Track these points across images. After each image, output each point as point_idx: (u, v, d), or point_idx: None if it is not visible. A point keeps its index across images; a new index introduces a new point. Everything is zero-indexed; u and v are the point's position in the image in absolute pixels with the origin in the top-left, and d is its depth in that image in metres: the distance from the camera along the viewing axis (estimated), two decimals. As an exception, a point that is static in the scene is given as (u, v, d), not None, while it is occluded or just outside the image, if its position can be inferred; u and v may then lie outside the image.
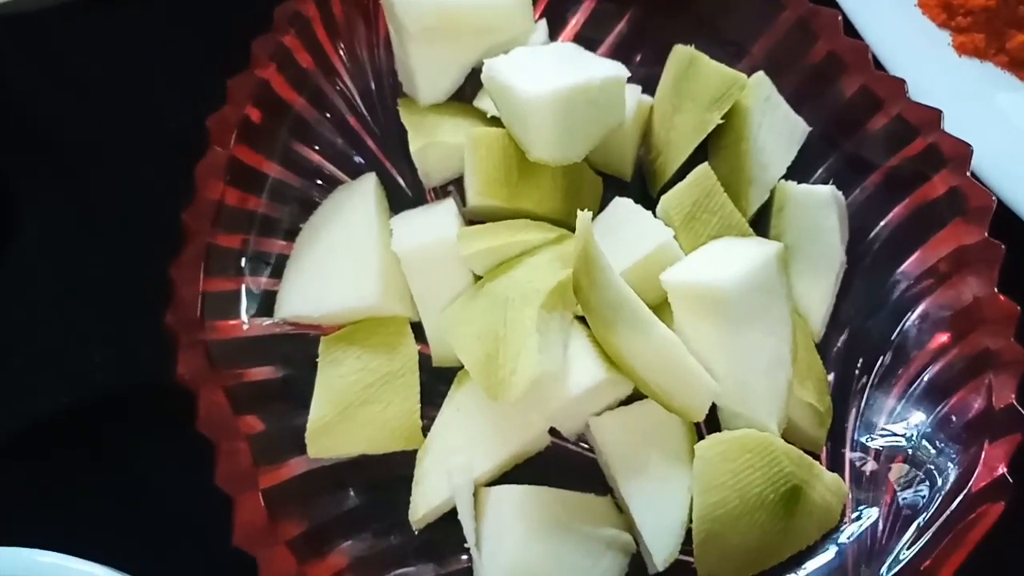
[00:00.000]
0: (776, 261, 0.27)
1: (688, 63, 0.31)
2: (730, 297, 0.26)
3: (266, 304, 0.30)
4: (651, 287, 0.28)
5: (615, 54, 0.34)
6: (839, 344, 0.31)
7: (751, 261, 0.27)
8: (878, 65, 0.33)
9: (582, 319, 0.28)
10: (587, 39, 0.34)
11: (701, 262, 0.28)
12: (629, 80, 0.30)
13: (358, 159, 0.33)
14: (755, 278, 0.26)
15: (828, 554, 0.27)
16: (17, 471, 0.32)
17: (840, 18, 0.32)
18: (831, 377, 0.30)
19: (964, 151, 0.29)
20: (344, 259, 0.29)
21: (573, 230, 0.29)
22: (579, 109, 0.28)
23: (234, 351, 0.28)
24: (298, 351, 0.29)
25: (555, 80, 0.28)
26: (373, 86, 0.33)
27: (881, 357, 0.29)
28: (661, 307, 0.28)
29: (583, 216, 0.25)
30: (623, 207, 0.30)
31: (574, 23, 0.35)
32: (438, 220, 0.30)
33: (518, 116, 0.28)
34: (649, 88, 0.33)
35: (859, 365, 0.30)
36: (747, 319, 0.26)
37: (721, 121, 0.31)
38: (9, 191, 0.36)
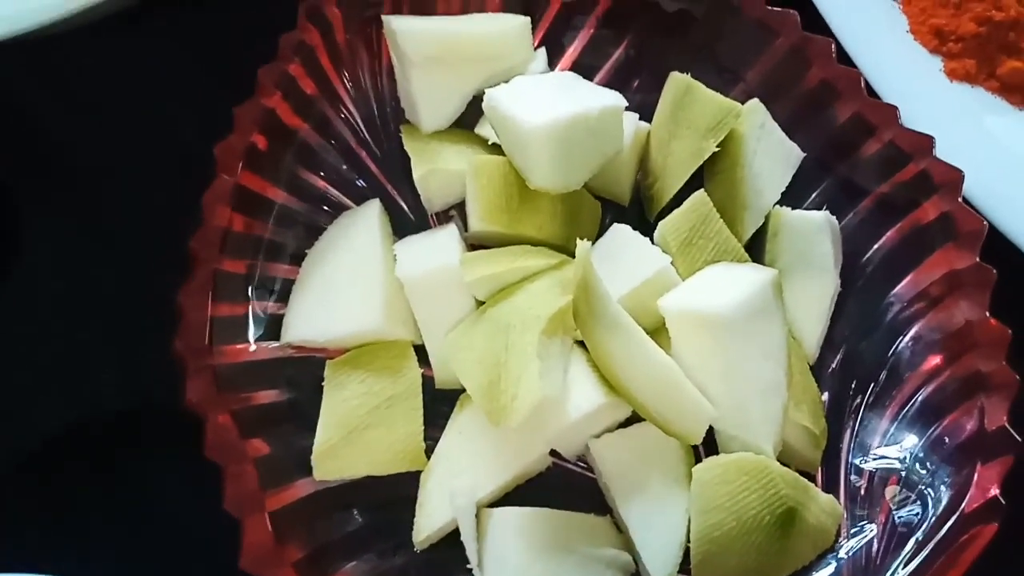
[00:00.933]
0: (772, 287, 0.28)
1: (684, 91, 0.32)
2: (727, 323, 0.26)
3: (272, 328, 0.30)
4: (649, 312, 0.28)
5: (612, 81, 0.35)
6: (833, 366, 0.31)
7: (747, 287, 0.27)
8: (871, 92, 0.33)
9: (582, 344, 0.29)
10: (585, 66, 0.35)
11: (698, 288, 0.28)
12: (626, 107, 0.31)
13: (362, 184, 0.33)
14: (751, 304, 0.27)
15: (824, 573, 0.28)
16: (24, 492, 0.33)
17: (833, 46, 0.33)
18: (825, 398, 0.31)
19: (955, 177, 0.30)
20: (349, 284, 0.29)
21: (572, 255, 0.30)
22: (578, 138, 0.29)
23: (241, 375, 0.28)
24: (304, 374, 0.30)
25: (554, 110, 0.28)
26: (376, 113, 0.34)
27: (874, 379, 0.30)
28: (659, 332, 0.28)
29: (582, 245, 0.26)
30: (621, 233, 0.30)
31: (572, 51, 0.36)
32: (441, 246, 0.30)
33: (518, 145, 0.29)
34: (646, 114, 0.34)
35: (853, 387, 0.30)
36: (744, 344, 0.27)
37: (717, 148, 0.31)
38: (17, 212, 0.37)
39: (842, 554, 0.28)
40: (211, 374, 0.27)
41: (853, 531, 0.28)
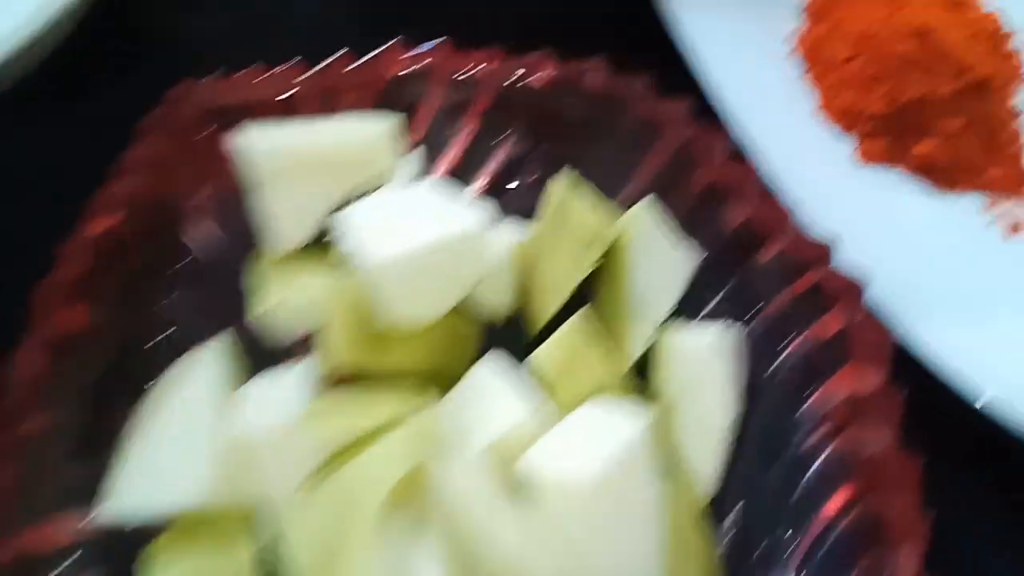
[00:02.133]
0: (648, 434, 0.25)
1: (563, 201, 0.29)
2: (586, 491, 0.23)
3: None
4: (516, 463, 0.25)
5: (497, 181, 0.33)
6: (734, 507, 0.28)
7: (616, 442, 0.24)
8: (778, 178, 0.31)
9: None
10: (468, 165, 0.33)
11: (560, 445, 0.25)
12: (509, 210, 0.28)
13: (214, 316, 0.30)
14: (619, 465, 0.23)
15: None
16: None
17: (728, 142, 0.30)
18: (726, 543, 0.27)
19: (854, 289, 0.27)
20: (174, 446, 0.26)
21: (449, 380, 0.27)
22: (433, 268, 0.26)
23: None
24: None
25: (407, 239, 0.26)
26: (226, 235, 0.31)
27: (778, 522, 0.27)
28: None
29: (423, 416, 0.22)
30: (482, 377, 0.27)
31: (454, 149, 0.33)
32: (287, 391, 0.27)
33: (367, 280, 0.26)
34: (532, 215, 0.31)
35: (755, 530, 0.27)
36: (609, 510, 0.24)
37: (600, 261, 0.29)
38: None
39: None
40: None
41: None
